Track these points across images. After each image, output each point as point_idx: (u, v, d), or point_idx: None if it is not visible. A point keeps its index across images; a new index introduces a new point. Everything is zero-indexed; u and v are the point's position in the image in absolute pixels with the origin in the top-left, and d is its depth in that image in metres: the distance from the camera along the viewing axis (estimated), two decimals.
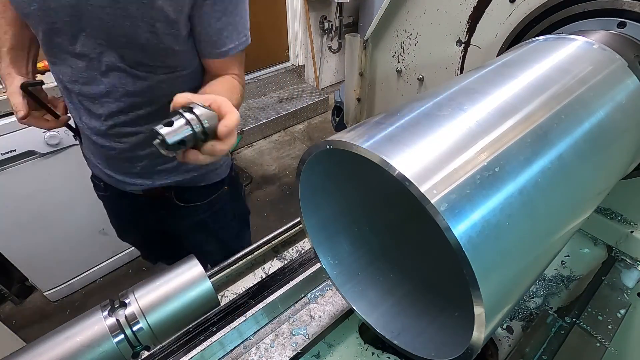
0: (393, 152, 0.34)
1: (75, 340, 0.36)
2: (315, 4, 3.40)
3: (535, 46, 0.57)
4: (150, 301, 0.39)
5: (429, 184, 0.31)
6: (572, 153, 0.41)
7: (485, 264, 0.31)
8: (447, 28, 0.85)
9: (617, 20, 0.58)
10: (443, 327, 0.49)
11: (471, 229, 0.31)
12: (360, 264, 0.58)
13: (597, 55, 0.52)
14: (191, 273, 0.42)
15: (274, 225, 0.97)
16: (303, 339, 0.61)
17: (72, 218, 1.78)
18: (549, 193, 0.38)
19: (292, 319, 0.64)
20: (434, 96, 0.43)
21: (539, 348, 0.57)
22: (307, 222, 0.54)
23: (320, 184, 0.51)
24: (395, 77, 1.06)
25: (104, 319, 0.37)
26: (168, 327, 0.40)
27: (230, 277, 0.71)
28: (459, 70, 0.88)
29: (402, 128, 0.38)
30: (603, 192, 0.51)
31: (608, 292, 0.65)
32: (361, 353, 0.61)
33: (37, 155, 1.56)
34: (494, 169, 0.34)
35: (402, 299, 0.56)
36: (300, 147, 3.28)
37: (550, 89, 0.44)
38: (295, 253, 0.81)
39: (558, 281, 0.70)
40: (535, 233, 0.37)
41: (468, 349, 0.36)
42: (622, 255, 0.72)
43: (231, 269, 0.68)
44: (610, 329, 0.59)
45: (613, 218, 0.73)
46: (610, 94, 0.49)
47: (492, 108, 0.40)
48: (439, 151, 0.34)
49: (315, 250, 0.55)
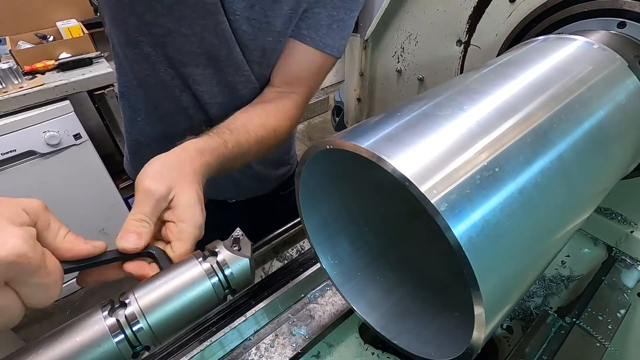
0: (393, 152, 0.34)
1: (75, 340, 0.36)
2: None
3: (535, 46, 0.57)
4: (150, 301, 0.39)
5: (429, 184, 0.31)
6: (572, 153, 0.41)
7: (485, 264, 0.31)
8: (447, 28, 0.85)
9: (617, 20, 0.58)
10: (443, 327, 0.49)
11: (471, 229, 0.31)
12: (360, 264, 0.58)
13: (597, 55, 0.52)
14: (191, 273, 0.42)
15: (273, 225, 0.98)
16: (303, 339, 0.61)
17: (72, 218, 1.78)
18: (549, 193, 0.38)
19: (292, 319, 0.64)
20: (434, 96, 0.43)
21: (539, 348, 0.57)
22: (307, 222, 0.54)
23: (320, 184, 0.51)
24: (395, 77, 1.06)
25: (104, 319, 0.37)
26: (168, 327, 0.40)
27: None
28: (459, 70, 0.88)
29: (402, 128, 0.38)
30: (603, 192, 0.51)
31: (608, 292, 0.65)
32: (361, 353, 0.61)
33: (37, 155, 1.56)
34: (494, 169, 0.34)
35: (402, 299, 0.56)
36: (300, 147, 3.28)
37: (550, 89, 0.44)
38: (295, 253, 0.81)
39: (558, 281, 0.70)
40: (535, 233, 0.37)
41: (468, 349, 0.36)
42: (622, 255, 0.72)
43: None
44: (610, 329, 0.59)
45: (613, 218, 0.73)
46: (610, 94, 0.49)
47: (492, 108, 0.40)
48: (439, 151, 0.34)
49: (315, 250, 0.55)
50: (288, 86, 0.73)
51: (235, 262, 0.44)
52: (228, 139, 0.59)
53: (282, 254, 0.81)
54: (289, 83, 0.73)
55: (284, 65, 0.72)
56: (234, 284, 0.44)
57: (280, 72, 0.73)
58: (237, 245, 0.46)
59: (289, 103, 0.72)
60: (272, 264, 0.79)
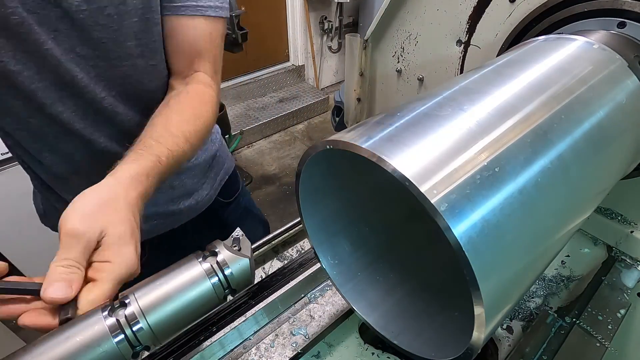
0: (393, 152, 0.34)
1: (75, 340, 0.36)
2: (315, 4, 3.40)
3: (535, 46, 0.57)
4: (150, 301, 0.39)
5: (429, 184, 0.31)
6: (572, 153, 0.41)
7: (485, 264, 0.31)
8: (447, 28, 0.85)
9: (617, 20, 0.58)
10: (443, 327, 0.49)
11: (471, 229, 0.31)
12: (360, 264, 0.58)
13: (597, 55, 0.52)
14: (191, 273, 0.42)
15: (274, 225, 0.97)
16: (303, 339, 0.61)
17: None
18: (549, 193, 0.38)
19: (292, 319, 0.64)
20: (434, 96, 0.43)
21: (539, 348, 0.57)
22: (307, 222, 0.54)
23: (320, 184, 0.51)
24: (395, 77, 1.06)
25: (103, 319, 0.37)
26: (168, 327, 0.40)
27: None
28: (459, 70, 0.88)
29: (402, 128, 0.38)
30: (603, 192, 0.51)
31: (608, 292, 0.65)
32: (361, 353, 0.61)
33: None
34: (494, 169, 0.34)
35: (402, 299, 0.56)
36: (300, 147, 3.28)
37: (550, 89, 0.44)
38: (295, 253, 0.81)
39: (558, 281, 0.70)
40: (535, 233, 0.37)
41: (468, 349, 0.36)
42: (622, 255, 0.72)
43: None
44: (610, 329, 0.59)
45: (613, 218, 0.73)
46: (610, 94, 0.49)
47: (492, 108, 0.40)
48: (439, 151, 0.34)
49: (315, 250, 0.55)
50: (189, 67, 0.67)
51: (235, 262, 0.44)
52: (160, 152, 0.54)
53: (282, 254, 0.81)
54: (188, 64, 0.67)
55: (173, 48, 0.67)
56: (234, 284, 0.44)
57: (174, 56, 0.68)
58: (237, 245, 0.46)
59: (198, 85, 0.67)
60: (272, 264, 0.79)
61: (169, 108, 0.63)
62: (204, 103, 0.66)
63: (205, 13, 0.65)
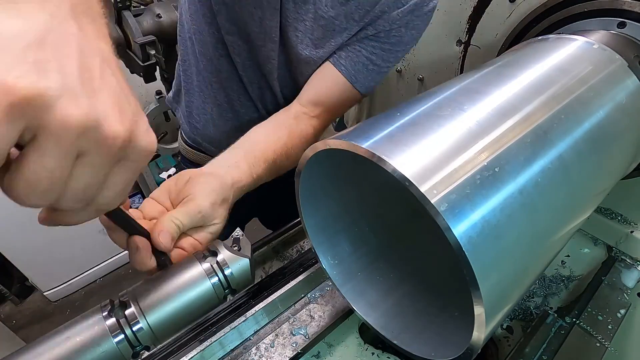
0: (393, 152, 0.34)
1: (75, 340, 0.36)
2: None
3: (535, 46, 0.57)
4: (150, 301, 0.39)
5: (429, 184, 0.31)
6: (572, 153, 0.41)
7: (485, 264, 0.31)
8: (447, 28, 0.85)
9: (617, 20, 0.58)
10: (443, 327, 0.49)
11: (471, 229, 0.31)
12: (360, 264, 0.58)
13: (597, 55, 0.52)
14: (191, 273, 0.42)
15: None
16: (303, 339, 0.61)
17: None
18: (549, 193, 0.38)
19: (292, 319, 0.64)
20: (434, 96, 0.43)
21: (539, 348, 0.57)
22: (307, 222, 0.54)
23: (320, 184, 0.51)
24: (395, 77, 1.06)
25: (104, 319, 0.37)
26: (168, 327, 0.40)
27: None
28: (459, 70, 0.88)
29: (402, 128, 0.38)
30: (603, 192, 0.51)
31: (608, 292, 0.65)
32: (361, 353, 0.61)
33: None
34: (494, 169, 0.34)
35: (402, 299, 0.56)
36: None
37: (550, 89, 0.44)
38: (295, 253, 0.81)
39: (558, 281, 0.70)
40: (535, 233, 0.37)
41: (468, 349, 0.36)
42: (622, 255, 0.72)
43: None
44: (610, 329, 0.59)
45: (613, 218, 0.73)
46: (610, 94, 0.49)
47: (492, 108, 0.40)
48: (439, 151, 0.34)
49: (315, 250, 0.55)
50: (313, 107, 0.73)
51: (235, 262, 0.44)
52: (254, 172, 0.60)
53: (282, 254, 0.81)
54: (315, 104, 0.73)
55: (315, 85, 0.74)
56: (234, 284, 0.44)
57: (310, 90, 0.75)
58: (237, 245, 0.46)
59: (309, 128, 0.73)
60: (272, 264, 0.79)
61: (275, 132, 0.69)
62: (304, 143, 0.71)
63: (355, 84, 0.72)
